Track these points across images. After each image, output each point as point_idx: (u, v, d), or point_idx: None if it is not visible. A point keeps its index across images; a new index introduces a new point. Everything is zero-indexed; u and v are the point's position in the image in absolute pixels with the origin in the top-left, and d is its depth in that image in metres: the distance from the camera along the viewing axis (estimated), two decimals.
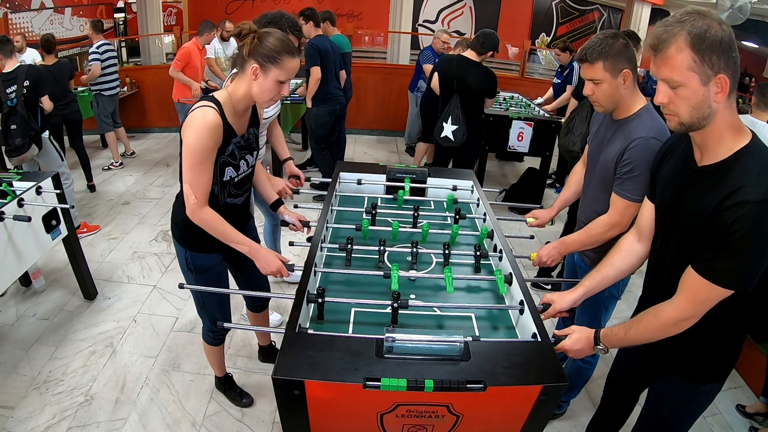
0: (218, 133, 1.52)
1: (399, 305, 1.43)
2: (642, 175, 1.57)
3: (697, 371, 1.34)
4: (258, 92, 1.54)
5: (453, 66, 3.45)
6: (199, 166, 1.51)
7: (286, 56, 1.50)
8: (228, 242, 1.65)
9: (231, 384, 2.27)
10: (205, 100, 1.54)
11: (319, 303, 1.45)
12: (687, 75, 1.04)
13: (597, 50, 1.56)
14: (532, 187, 4.56)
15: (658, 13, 8.31)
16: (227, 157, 1.61)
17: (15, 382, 2.28)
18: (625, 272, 1.48)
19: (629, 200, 1.62)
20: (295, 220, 1.98)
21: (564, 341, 1.38)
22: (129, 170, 5.01)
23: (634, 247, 1.45)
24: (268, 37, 1.50)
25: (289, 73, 1.53)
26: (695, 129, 1.11)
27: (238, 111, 1.60)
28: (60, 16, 7.07)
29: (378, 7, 8.70)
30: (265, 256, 1.67)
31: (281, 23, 2.13)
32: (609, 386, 1.74)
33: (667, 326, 1.20)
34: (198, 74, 4.72)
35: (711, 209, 1.09)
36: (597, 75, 1.59)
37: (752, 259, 1.07)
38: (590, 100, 1.69)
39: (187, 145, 1.49)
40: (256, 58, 1.49)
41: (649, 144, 1.55)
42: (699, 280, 1.12)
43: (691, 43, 1.02)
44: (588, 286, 1.48)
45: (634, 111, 1.64)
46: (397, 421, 1.24)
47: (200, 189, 1.54)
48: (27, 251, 2.39)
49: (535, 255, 1.85)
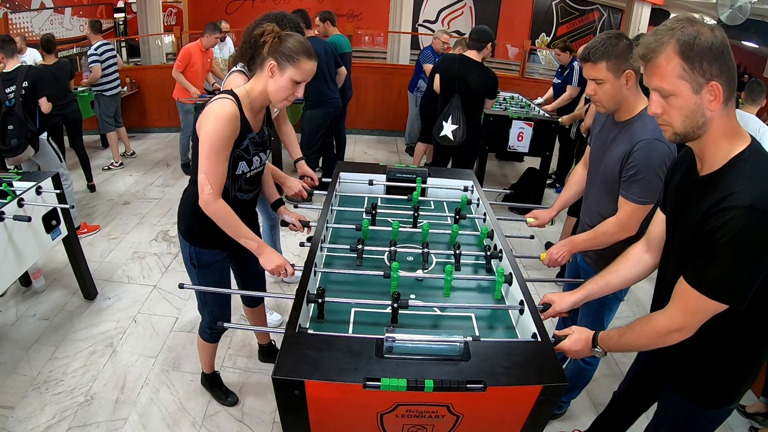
0: (236, 123, 1.54)
1: (399, 305, 1.43)
2: (647, 178, 1.56)
3: (699, 393, 1.29)
4: (273, 90, 1.58)
5: (455, 65, 3.45)
6: (216, 156, 1.53)
7: (304, 57, 1.55)
8: (237, 237, 1.66)
9: (217, 382, 2.27)
10: (224, 93, 1.57)
11: (319, 303, 1.45)
12: (677, 84, 1.03)
13: (600, 50, 1.56)
14: (532, 187, 4.56)
15: (658, 13, 8.32)
16: (242, 151, 1.63)
17: (15, 382, 2.28)
18: (629, 281, 1.46)
19: (636, 203, 1.61)
20: (295, 220, 1.99)
21: (563, 342, 1.37)
22: (129, 170, 5.01)
23: (642, 257, 1.42)
24: (288, 38, 1.56)
25: (304, 74, 1.57)
26: (690, 139, 1.09)
27: (255, 108, 1.64)
28: (60, 16, 7.07)
29: (378, 7, 8.71)
30: (270, 253, 1.70)
31: (282, 23, 2.13)
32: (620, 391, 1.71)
33: (658, 335, 1.17)
34: (199, 76, 4.70)
35: (699, 216, 1.07)
36: (600, 75, 1.59)
37: (740, 267, 1.03)
38: (592, 101, 1.69)
39: (205, 134, 1.51)
40: (275, 56, 1.55)
41: (653, 146, 1.54)
42: (688, 290, 1.09)
43: (680, 51, 1.01)
44: (590, 290, 1.47)
45: (636, 112, 1.64)
46: (397, 421, 1.24)
47: (216, 179, 1.55)
48: (27, 251, 2.39)
49: (544, 255, 1.84)
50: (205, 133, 1.51)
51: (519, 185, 4.69)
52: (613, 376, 2.54)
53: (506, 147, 4.45)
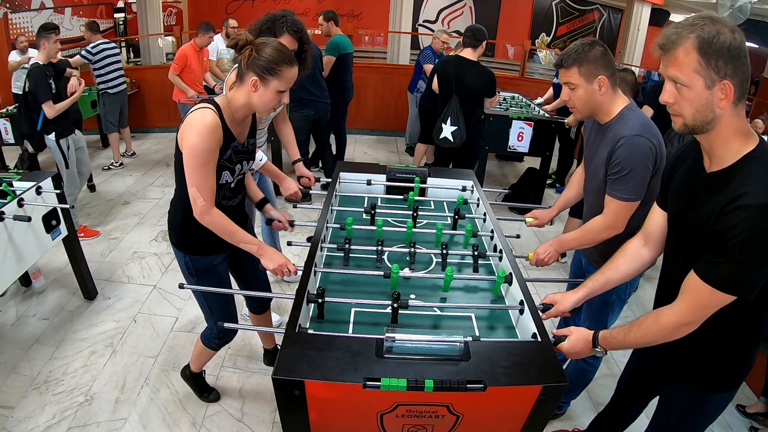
0: (219, 133, 1.51)
1: (399, 305, 1.43)
2: (632, 174, 1.58)
3: (706, 380, 1.33)
4: (259, 103, 1.55)
5: (450, 66, 3.45)
6: (203, 168, 1.50)
7: (285, 66, 1.51)
8: (236, 243, 1.65)
9: (199, 380, 2.24)
10: (204, 103, 1.53)
11: (319, 303, 1.45)
12: (692, 76, 1.06)
13: (573, 56, 1.61)
14: (532, 187, 4.56)
15: (658, 13, 8.32)
16: (225, 161, 1.61)
17: (15, 382, 2.28)
18: (629, 276, 1.48)
19: (621, 200, 1.63)
20: (282, 218, 1.99)
21: (562, 343, 1.37)
22: (129, 170, 5.01)
23: (640, 252, 1.45)
24: (265, 48, 1.50)
25: (288, 82, 1.55)
26: (699, 132, 1.12)
27: (237, 118, 1.61)
28: (60, 16, 7.07)
29: (378, 7, 8.71)
30: (272, 254, 1.69)
31: (280, 23, 2.13)
32: (619, 387, 1.74)
33: (667, 330, 1.19)
34: (196, 77, 4.72)
35: (714, 214, 1.09)
36: (572, 80, 1.63)
37: (753, 264, 1.06)
38: (567, 106, 1.73)
39: (189, 148, 1.48)
40: (255, 70, 1.50)
41: (634, 141, 1.57)
42: (701, 285, 1.11)
43: (698, 46, 1.04)
44: (591, 287, 1.48)
45: (615, 113, 1.66)
46: (397, 421, 1.24)
47: (207, 191, 1.54)
48: (27, 251, 2.39)
49: (532, 254, 1.85)
50: (189, 147, 1.48)
51: (519, 185, 4.69)
52: (613, 376, 2.54)
53: (506, 147, 4.45)
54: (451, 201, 2.32)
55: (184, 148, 1.50)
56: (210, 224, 1.58)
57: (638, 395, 1.65)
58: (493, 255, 1.85)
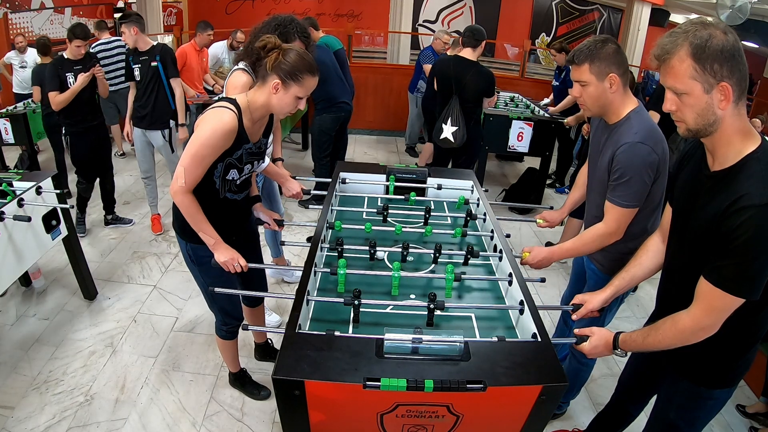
0: (231, 137, 1.57)
1: (435, 306, 1.43)
2: (632, 181, 1.58)
3: (706, 376, 1.35)
4: (277, 105, 1.60)
5: (450, 67, 3.44)
6: (199, 159, 1.55)
7: (308, 75, 1.57)
8: (198, 230, 1.67)
9: (247, 379, 2.29)
10: (227, 102, 1.58)
11: (356, 305, 1.44)
12: (689, 83, 1.08)
13: (585, 53, 1.60)
14: (532, 187, 4.56)
15: (658, 13, 8.31)
16: (234, 160, 1.64)
17: (15, 382, 2.28)
18: (652, 272, 1.51)
19: (621, 207, 1.63)
20: (270, 219, 2.03)
21: (584, 344, 1.40)
22: (129, 170, 5.00)
23: (660, 248, 1.47)
24: (291, 53, 1.56)
25: (308, 90, 1.60)
26: (703, 135, 1.14)
27: (255, 118, 1.66)
28: (60, 16, 7.06)
29: (378, 7, 8.71)
30: (225, 249, 1.69)
31: (289, 29, 2.13)
32: (619, 386, 1.76)
33: (684, 335, 1.21)
34: (195, 76, 4.72)
35: (718, 215, 1.11)
36: (583, 77, 1.62)
37: (759, 264, 1.07)
38: (578, 103, 1.72)
39: (197, 137, 1.53)
40: (278, 73, 1.55)
41: (636, 149, 1.56)
42: (712, 290, 1.13)
43: (692, 53, 1.05)
44: (617, 285, 1.52)
45: (623, 114, 1.65)
46: (397, 421, 1.24)
47: (192, 177, 1.57)
48: (27, 251, 2.38)
49: (526, 254, 1.83)
50: (198, 135, 1.53)
51: (519, 185, 4.69)
52: (613, 376, 2.54)
53: (506, 147, 4.45)
54: (451, 201, 2.32)
55: (194, 133, 1.55)
56: (180, 203, 1.61)
57: (638, 393, 1.67)
58: (494, 255, 1.85)
